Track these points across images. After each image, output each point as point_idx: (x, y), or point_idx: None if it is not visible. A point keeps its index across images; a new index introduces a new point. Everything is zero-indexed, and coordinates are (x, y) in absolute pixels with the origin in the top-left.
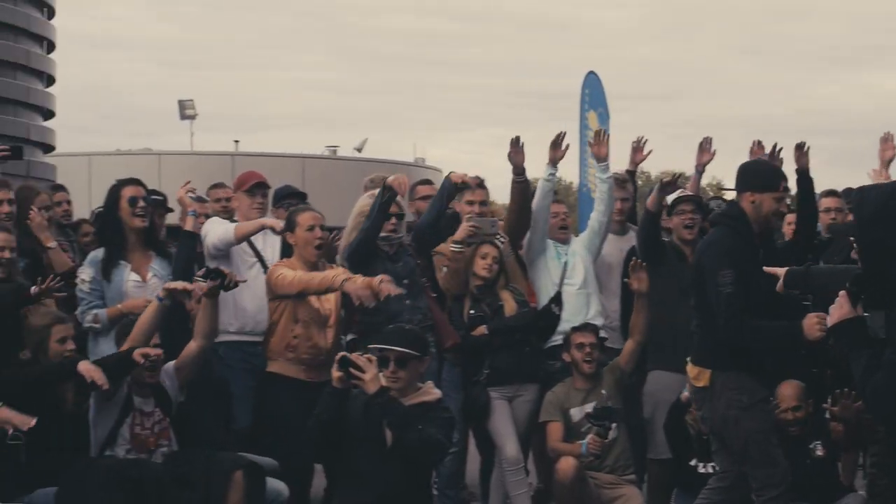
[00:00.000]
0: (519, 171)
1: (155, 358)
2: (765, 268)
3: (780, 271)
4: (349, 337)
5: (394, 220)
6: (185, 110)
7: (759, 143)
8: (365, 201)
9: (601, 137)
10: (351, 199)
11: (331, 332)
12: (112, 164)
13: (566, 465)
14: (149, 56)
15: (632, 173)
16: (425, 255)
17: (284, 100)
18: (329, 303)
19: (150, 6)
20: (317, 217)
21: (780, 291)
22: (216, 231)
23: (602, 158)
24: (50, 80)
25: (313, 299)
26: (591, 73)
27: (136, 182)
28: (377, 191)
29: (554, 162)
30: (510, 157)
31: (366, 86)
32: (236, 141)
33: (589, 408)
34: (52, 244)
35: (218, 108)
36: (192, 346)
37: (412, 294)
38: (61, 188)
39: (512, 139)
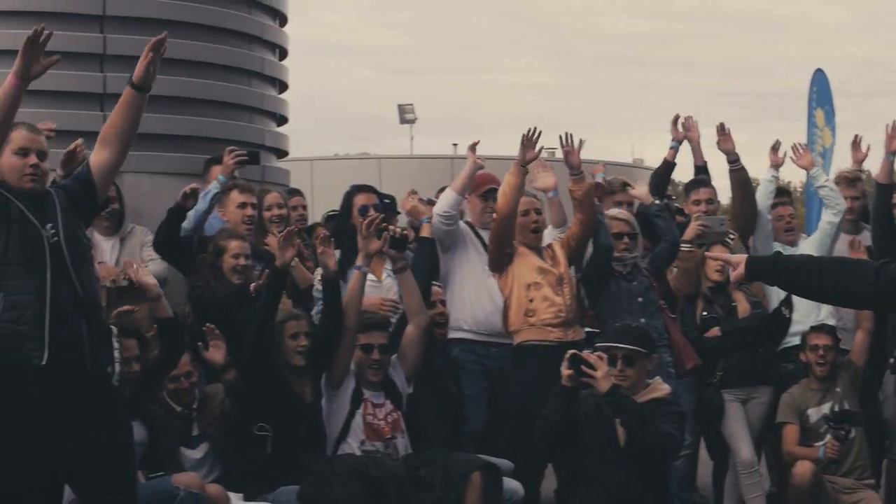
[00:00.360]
0: (732, 158)
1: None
2: (708, 253)
3: (735, 259)
4: (585, 329)
5: (626, 239)
6: (405, 114)
7: None
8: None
9: (800, 151)
10: (565, 199)
11: (567, 289)
12: (333, 169)
13: (803, 468)
14: (368, 62)
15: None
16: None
17: (502, 102)
18: (560, 263)
19: (369, 14)
20: (532, 202)
21: (735, 281)
22: (438, 202)
23: (808, 167)
24: (283, 87)
25: (542, 262)
26: (819, 70)
27: (368, 189)
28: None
29: (776, 166)
30: (719, 145)
31: (583, 87)
32: (455, 144)
33: (826, 409)
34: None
35: (437, 112)
36: (409, 329)
37: (647, 313)
38: (297, 193)
39: (717, 126)
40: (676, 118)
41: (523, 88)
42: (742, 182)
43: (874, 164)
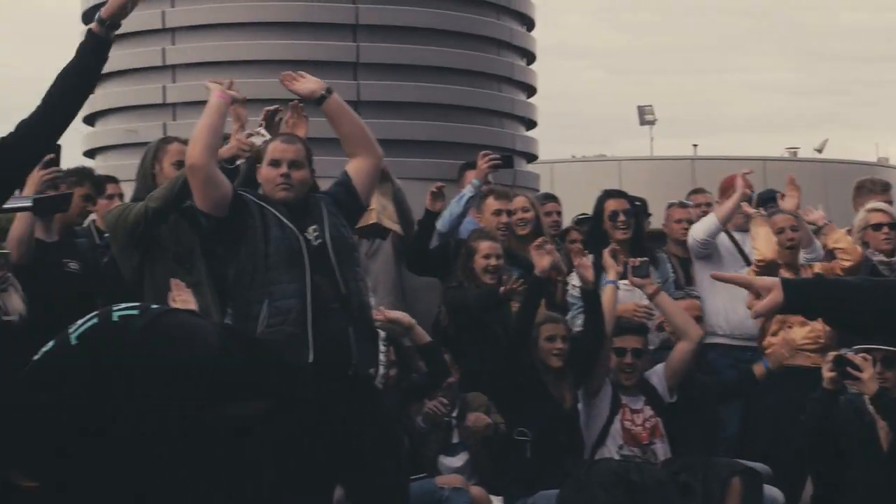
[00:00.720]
0: None
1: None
2: (715, 273)
3: (762, 283)
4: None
5: (885, 230)
6: (645, 116)
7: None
8: (861, 215)
9: None
10: (811, 201)
11: None
12: (573, 171)
13: None
14: (605, 63)
15: None
16: None
17: (742, 102)
18: None
19: (606, 15)
20: (788, 219)
21: (766, 312)
22: (698, 226)
23: None
24: (531, 91)
25: None
26: None
27: (619, 194)
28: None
29: None
30: None
31: (823, 85)
32: (695, 145)
33: None
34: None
35: (676, 112)
36: (682, 344)
37: None
38: (552, 198)
39: None
40: None
41: (765, 86)
42: None
43: None
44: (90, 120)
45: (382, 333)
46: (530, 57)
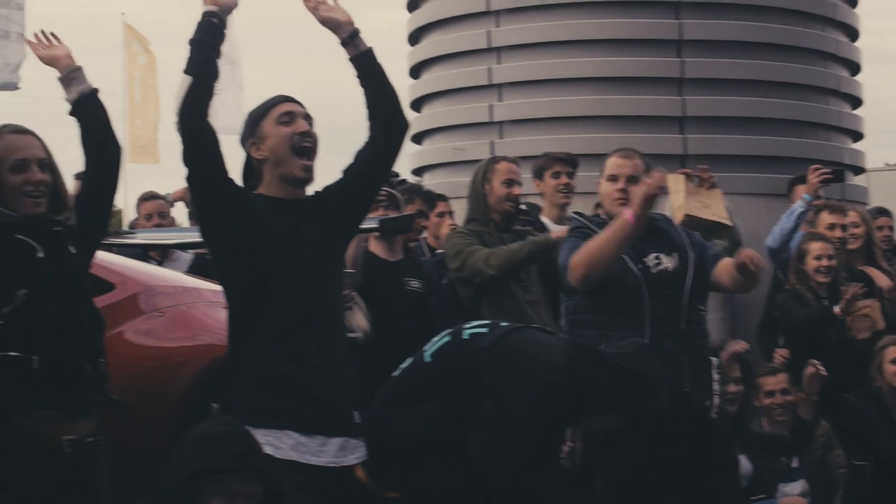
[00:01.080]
0: None
1: None
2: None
3: None
4: None
5: None
6: None
7: None
8: None
9: None
10: None
11: None
12: (887, 179)
13: None
14: None
15: None
16: None
17: None
18: None
19: None
20: None
21: None
22: None
23: None
24: (856, 103)
25: None
26: None
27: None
28: None
29: None
30: None
31: None
32: None
33: None
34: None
35: None
36: None
37: None
38: (885, 213)
39: None
40: None
41: None
42: None
43: None
44: (418, 139)
45: (715, 361)
46: (854, 68)
